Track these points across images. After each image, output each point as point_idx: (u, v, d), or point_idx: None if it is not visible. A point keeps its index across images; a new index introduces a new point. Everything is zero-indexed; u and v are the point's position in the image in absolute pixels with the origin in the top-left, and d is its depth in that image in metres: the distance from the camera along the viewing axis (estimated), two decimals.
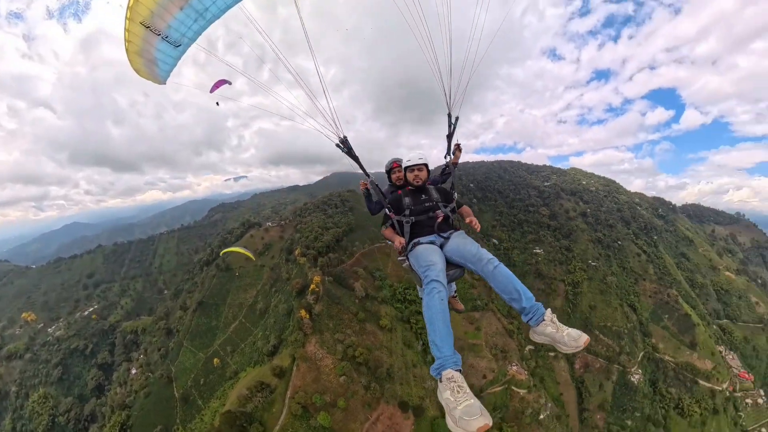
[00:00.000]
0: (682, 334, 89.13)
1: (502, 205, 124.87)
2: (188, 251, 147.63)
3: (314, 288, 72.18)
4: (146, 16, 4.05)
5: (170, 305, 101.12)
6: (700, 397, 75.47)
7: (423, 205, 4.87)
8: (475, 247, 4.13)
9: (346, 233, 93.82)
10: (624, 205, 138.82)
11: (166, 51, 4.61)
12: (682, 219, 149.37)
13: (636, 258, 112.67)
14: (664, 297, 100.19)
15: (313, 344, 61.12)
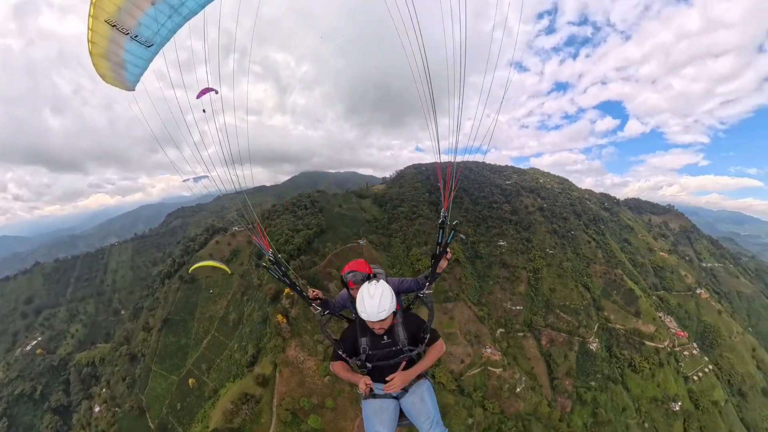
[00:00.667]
0: (628, 306, 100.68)
1: (467, 202, 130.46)
2: (145, 264, 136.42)
3: (289, 292, 72.25)
4: (112, 13, 3.59)
5: (130, 327, 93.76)
6: (647, 355, 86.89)
7: (384, 349, 4.00)
8: (425, 412, 3.81)
9: (317, 235, 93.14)
10: (576, 200, 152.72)
11: (136, 52, 4.13)
12: (624, 211, 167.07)
13: (587, 245, 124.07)
14: (612, 276, 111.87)
15: (293, 348, 60.97)
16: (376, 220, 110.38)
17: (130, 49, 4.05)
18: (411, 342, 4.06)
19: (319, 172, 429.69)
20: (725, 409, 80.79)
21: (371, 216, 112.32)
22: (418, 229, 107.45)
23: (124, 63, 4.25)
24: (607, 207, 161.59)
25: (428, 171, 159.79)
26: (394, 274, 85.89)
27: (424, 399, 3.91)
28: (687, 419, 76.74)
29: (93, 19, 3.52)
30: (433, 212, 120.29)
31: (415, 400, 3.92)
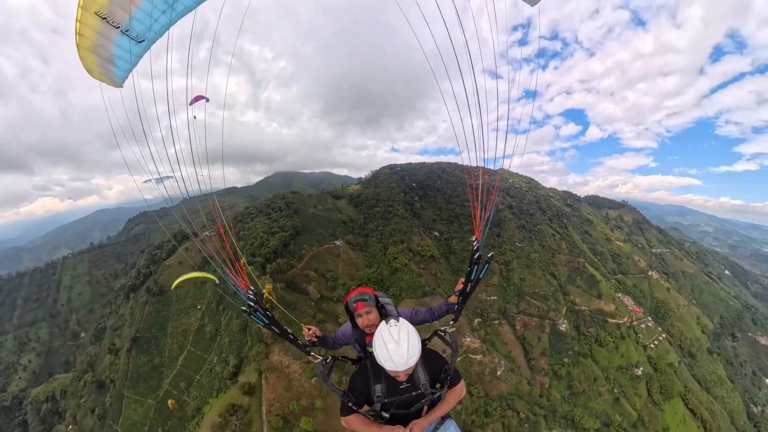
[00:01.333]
0: (591, 289, 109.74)
1: (441, 201, 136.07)
2: (105, 277, 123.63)
3: (267, 296, 71.33)
4: (103, 5, 3.47)
5: (94, 351, 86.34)
6: (610, 330, 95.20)
7: (403, 395, 3.53)
8: None
9: (292, 237, 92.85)
10: (542, 197, 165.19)
11: (126, 47, 4.00)
12: (584, 206, 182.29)
13: (552, 238, 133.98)
14: (575, 264, 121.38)
15: (277, 353, 59.87)
16: (352, 220, 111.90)
17: (120, 43, 3.89)
18: (431, 384, 3.55)
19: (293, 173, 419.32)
20: (679, 368, 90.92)
21: (347, 216, 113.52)
22: (394, 228, 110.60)
23: (113, 58, 4.08)
24: (570, 203, 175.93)
25: (403, 171, 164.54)
26: (372, 273, 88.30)
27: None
28: (649, 381, 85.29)
29: (82, 10, 3.36)
30: (408, 212, 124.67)
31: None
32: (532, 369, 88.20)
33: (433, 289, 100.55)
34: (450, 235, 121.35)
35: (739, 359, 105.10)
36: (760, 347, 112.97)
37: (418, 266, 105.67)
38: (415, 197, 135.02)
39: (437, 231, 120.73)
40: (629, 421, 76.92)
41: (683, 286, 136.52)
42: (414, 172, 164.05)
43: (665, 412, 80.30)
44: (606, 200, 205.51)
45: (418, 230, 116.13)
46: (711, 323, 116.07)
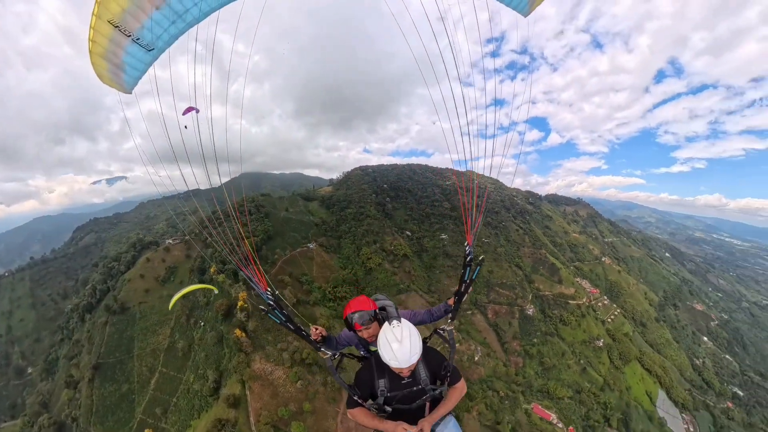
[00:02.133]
0: (553, 276, 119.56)
1: (412, 202, 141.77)
2: (52, 298, 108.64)
3: (243, 305, 68.91)
4: (116, 14, 3.58)
5: (46, 388, 76.59)
6: (572, 310, 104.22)
7: (404, 390, 3.73)
8: None
9: (264, 241, 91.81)
10: (506, 197, 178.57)
11: (136, 55, 4.16)
12: (545, 204, 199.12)
13: (516, 233, 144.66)
14: (538, 255, 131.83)
15: (258, 361, 58.94)
16: (324, 222, 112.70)
17: (131, 51, 4.08)
18: (432, 380, 3.79)
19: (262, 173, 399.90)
20: (633, 337, 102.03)
21: (319, 219, 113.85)
22: (366, 229, 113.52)
23: (124, 65, 4.26)
24: (531, 202, 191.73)
25: (375, 173, 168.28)
26: (347, 274, 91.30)
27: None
28: (609, 350, 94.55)
29: (96, 18, 3.54)
30: (380, 212, 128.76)
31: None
32: (506, 352, 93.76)
33: (408, 287, 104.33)
34: (421, 234, 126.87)
35: (680, 324, 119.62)
36: (696, 312, 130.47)
37: (392, 265, 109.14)
38: (386, 198, 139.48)
39: (409, 230, 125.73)
40: (597, 386, 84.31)
41: (632, 268, 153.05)
42: (385, 174, 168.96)
43: (626, 374, 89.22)
44: (564, 198, 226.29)
45: (391, 230, 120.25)
46: (656, 297, 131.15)
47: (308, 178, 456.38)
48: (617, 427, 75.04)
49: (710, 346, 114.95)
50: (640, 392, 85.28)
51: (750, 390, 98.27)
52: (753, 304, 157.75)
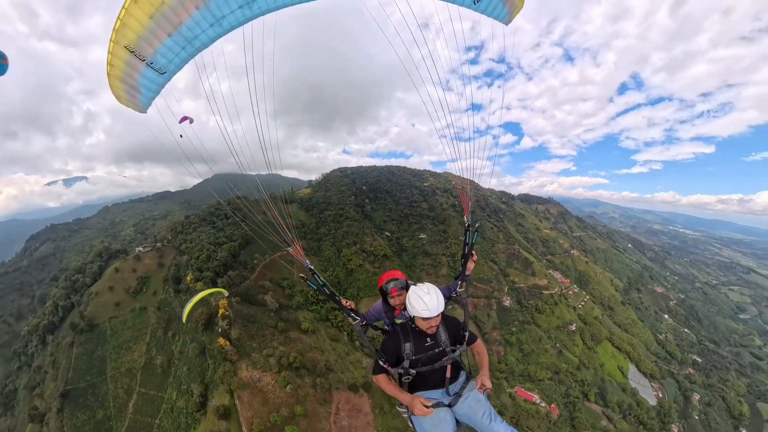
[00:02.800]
0: (526, 270, 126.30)
1: (391, 203, 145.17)
2: (3, 319, 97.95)
3: (224, 312, 66.89)
4: (132, 41, 3.98)
5: (6, 425, 70.22)
6: (545, 300, 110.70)
7: (428, 352, 4.08)
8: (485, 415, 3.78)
9: (242, 246, 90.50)
10: (481, 197, 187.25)
11: (150, 78, 4.57)
12: (518, 203, 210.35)
13: (491, 230, 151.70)
14: (512, 251, 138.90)
15: (245, 369, 57.47)
16: (303, 225, 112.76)
17: (145, 74, 4.49)
18: (452, 342, 4.16)
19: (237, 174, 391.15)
20: (603, 319, 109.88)
21: (298, 221, 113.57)
22: (346, 230, 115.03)
23: (139, 86, 4.67)
24: (505, 201, 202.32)
25: (354, 174, 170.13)
26: (328, 277, 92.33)
27: (479, 398, 3.93)
28: (581, 333, 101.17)
29: (114, 44, 3.96)
30: (359, 214, 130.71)
31: (471, 402, 3.92)
32: (487, 342, 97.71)
33: None
34: (401, 235, 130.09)
35: (644, 305, 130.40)
36: (657, 294, 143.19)
37: (373, 266, 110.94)
38: (365, 200, 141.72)
39: (388, 231, 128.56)
40: (573, 365, 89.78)
41: (598, 258, 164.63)
42: (365, 175, 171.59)
43: (598, 353, 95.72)
44: (536, 197, 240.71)
45: (370, 231, 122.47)
46: (621, 283, 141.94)
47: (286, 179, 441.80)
48: (595, 401, 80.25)
49: (670, 322, 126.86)
50: (613, 368, 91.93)
51: (706, 356, 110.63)
52: (704, 284, 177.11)
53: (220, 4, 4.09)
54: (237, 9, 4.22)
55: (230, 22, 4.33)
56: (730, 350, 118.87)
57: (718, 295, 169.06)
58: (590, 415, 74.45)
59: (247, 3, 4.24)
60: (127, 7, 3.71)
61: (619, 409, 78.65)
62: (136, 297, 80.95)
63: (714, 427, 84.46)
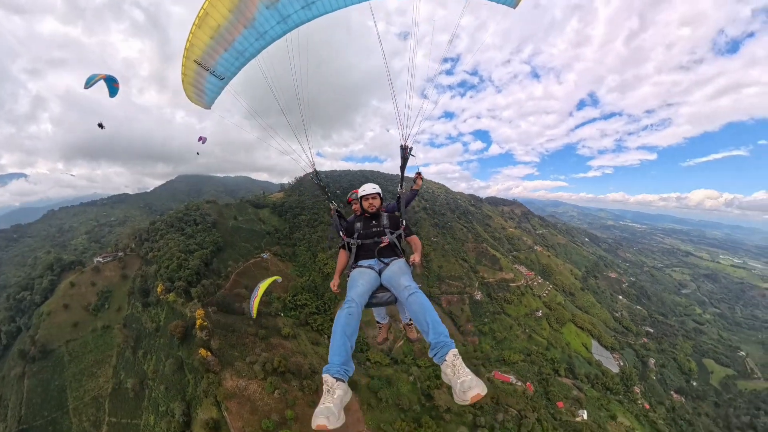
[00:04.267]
0: (494, 265, 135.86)
1: None
2: None
3: (202, 323, 65.52)
4: (199, 56, 5.25)
5: None
6: (513, 291, 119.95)
7: (371, 230, 5.57)
8: (401, 276, 4.64)
9: (214, 254, 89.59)
10: (451, 200, 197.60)
11: (213, 83, 5.81)
12: (486, 205, 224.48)
13: (461, 231, 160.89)
14: (481, 249, 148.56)
15: (230, 379, 56.92)
16: (277, 230, 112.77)
17: (209, 80, 5.73)
18: (391, 227, 5.60)
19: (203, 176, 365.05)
20: (565, 304, 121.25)
21: (271, 227, 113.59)
22: (321, 235, 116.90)
23: (205, 89, 5.94)
24: (473, 203, 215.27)
25: (328, 179, 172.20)
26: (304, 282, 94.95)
27: (401, 267, 4.94)
28: (547, 318, 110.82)
29: (185, 59, 5.26)
30: None
31: (394, 268, 4.90)
32: (462, 333, 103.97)
33: None
34: None
35: (600, 289, 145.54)
36: (611, 279, 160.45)
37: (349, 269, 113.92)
38: (340, 204, 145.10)
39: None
40: (543, 347, 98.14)
41: (559, 252, 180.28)
42: (339, 180, 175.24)
43: (564, 333, 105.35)
44: (502, 200, 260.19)
45: None
46: (580, 272, 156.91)
47: (256, 182, 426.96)
48: (565, 375, 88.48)
49: (624, 301, 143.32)
50: (578, 345, 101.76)
51: (657, 327, 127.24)
52: (651, 268, 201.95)
53: (263, 22, 5.14)
54: (275, 24, 5.27)
55: (271, 35, 5.37)
56: (676, 320, 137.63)
57: (663, 276, 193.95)
58: (562, 387, 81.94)
59: (284, 19, 5.26)
60: (194, 31, 4.87)
61: (587, 380, 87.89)
62: (98, 314, 76.75)
63: (669, 383, 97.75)
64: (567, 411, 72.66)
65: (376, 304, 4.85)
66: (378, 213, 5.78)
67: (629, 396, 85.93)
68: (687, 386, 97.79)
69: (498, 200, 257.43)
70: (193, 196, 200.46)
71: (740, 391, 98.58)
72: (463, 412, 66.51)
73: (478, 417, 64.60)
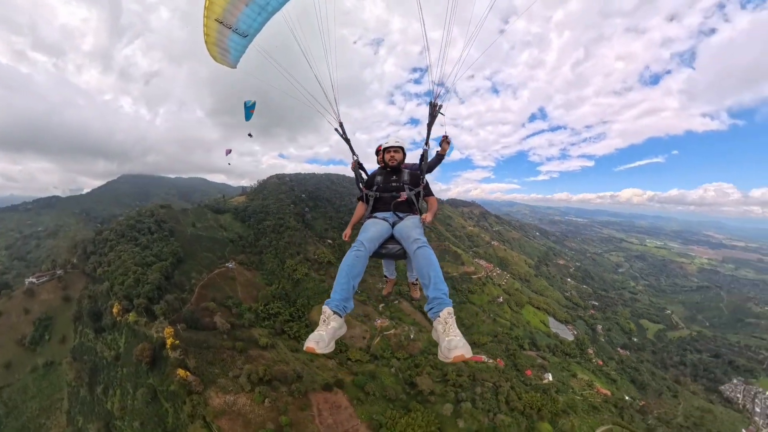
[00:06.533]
0: (456, 261, 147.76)
1: (331, 210, 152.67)
2: None
3: (173, 342, 62.06)
4: (219, 14, 5.23)
5: None
6: (475, 282, 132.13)
7: (390, 184, 5.78)
8: (413, 230, 4.95)
9: (174, 266, 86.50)
10: None
11: (236, 41, 5.81)
12: (447, 206, 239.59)
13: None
14: (443, 246, 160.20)
15: (215, 396, 55.60)
16: (241, 238, 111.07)
17: (232, 38, 5.73)
18: (411, 184, 5.76)
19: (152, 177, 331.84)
20: (522, 290, 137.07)
21: (235, 234, 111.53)
22: (288, 241, 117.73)
23: (229, 48, 5.95)
24: None
25: (292, 182, 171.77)
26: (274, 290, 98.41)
27: (415, 222, 5.20)
28: (508, 302, 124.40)
29: (206, 18, 5.26)
30: (300, 223, 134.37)
31: (406, 222, 5.23)
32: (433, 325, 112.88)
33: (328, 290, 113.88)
34: (342, 242, 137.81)
35: (551, 274, 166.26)
36: (560, 265, 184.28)
37: (318, 273, 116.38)
38: (305, 208, 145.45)
39: (330, 239, 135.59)
40: (506, 327, 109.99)
41: (514, 246, 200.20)
42: (304, 183, 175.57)
43: (523, 314, 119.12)
44: (461, 201, 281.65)
45: (313, 240, 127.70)
46: (533, 261, 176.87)
47: (213, 184, 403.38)
48: (529, 349, 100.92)
49: (573, 283, 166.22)
50: (537, 322, 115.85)
51: (601, 300, 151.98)
52: (593, 254, 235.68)
53: None
54: None
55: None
56: (615, 293, 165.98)
57: (602, 259, 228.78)
58: (528, 359, 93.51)
59: None
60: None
61: (548, 350, 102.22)
62: (37, 349, 69.27)
63: (615, 342, 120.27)
64: (535, 377, 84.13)
65: (385, 255, 5.19)
66: (399, 168, 6.00)
67: (585, 357, 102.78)
68: (629, 342, 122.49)
69: (458, 202, 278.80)
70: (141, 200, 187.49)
71: (670, 339, 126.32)
72: (445, 392, 73.53)
73: (459, 393, 72.06)
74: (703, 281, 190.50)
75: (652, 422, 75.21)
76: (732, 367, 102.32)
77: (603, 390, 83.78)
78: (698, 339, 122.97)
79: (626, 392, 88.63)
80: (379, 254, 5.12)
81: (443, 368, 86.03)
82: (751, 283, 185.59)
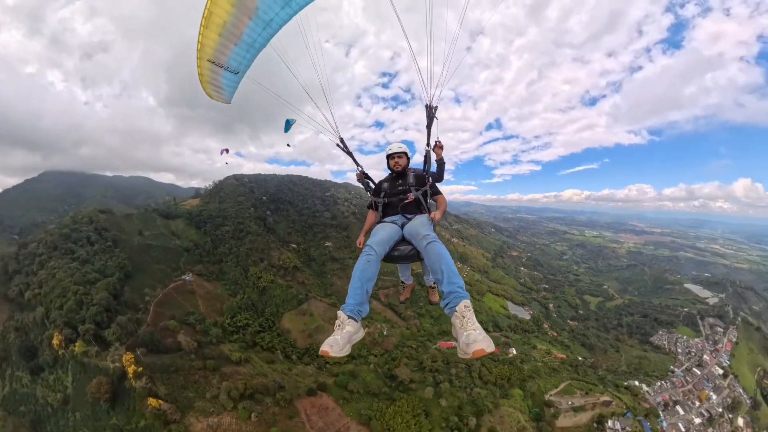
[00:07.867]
0: None
1: (294, 213, 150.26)
2: None
3: (136, 369, 56.46)
4: (210, 54, 5.60)
5: None
6: None
7: (396, 188, 6.11)
8: (421, 227, 5.01)
9: (123, 281, 79.43)
10: None
11: (228, 78, 6.20)
12: None
13: None
14: None
15: (196, 422, 52.31)
16: (197, 246, 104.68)
17: (224, 76, 6.14)
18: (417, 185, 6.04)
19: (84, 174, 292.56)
20: (482, 280, 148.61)
21: (189, 242, 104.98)
22: (249, 247, 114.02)
23: (223, 86, 6.36)
24: None
25: (252, 183, 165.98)
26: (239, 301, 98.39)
27: (423, 220, 5.27)
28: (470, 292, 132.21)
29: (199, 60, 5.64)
30: (262, 227, 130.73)
31: (415, 221, 5.31)
32: (404, 320, 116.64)
33: (306, 296, 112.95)
34: (307, 245, 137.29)
35: (507, 265, 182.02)
36: (514, 257, 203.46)
37: (285, 279, 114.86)
38: (267, 211, 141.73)
39: (294, 243, 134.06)
40: None
41: (472, 242, 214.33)
42: (264, 184, 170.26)
43: (485, 301, 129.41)
44: None
45: (276, 245, 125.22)
46: (489, 254, 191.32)
47: (159, 184, 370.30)
48: (493, 330, 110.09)
49: (525, 271, 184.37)
50: (497, 307, 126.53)
51: (551, 283, 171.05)
52: (541, 245, 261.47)
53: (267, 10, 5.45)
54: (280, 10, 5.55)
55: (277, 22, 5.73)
56: (562, 276, 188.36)
57: (550, 249, 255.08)
58: (493, 339, 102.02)
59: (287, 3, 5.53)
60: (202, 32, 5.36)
61: (510, 329, 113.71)
62: None
63: (565, 316, 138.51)
64: (501, 353, 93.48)
65: (397, 257, 5.21)
66: (404, 172, 6.28)
67: (541, 331, 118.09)
68: (577, 315, 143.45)
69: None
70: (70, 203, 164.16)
71: (608, 308, 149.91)
72: (424, 378, 77.72)
73: (437, 376, 76.82)
74: (630, 261, 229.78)
75: (602, 373, 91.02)
76: (657, 322, 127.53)
77: (559, 355, 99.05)
78: (630, 305, 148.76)
79: (579, 354, 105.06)
80: (392, 257, 5.23)
81: (418, 357, 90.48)
82: (667, 259, 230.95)
